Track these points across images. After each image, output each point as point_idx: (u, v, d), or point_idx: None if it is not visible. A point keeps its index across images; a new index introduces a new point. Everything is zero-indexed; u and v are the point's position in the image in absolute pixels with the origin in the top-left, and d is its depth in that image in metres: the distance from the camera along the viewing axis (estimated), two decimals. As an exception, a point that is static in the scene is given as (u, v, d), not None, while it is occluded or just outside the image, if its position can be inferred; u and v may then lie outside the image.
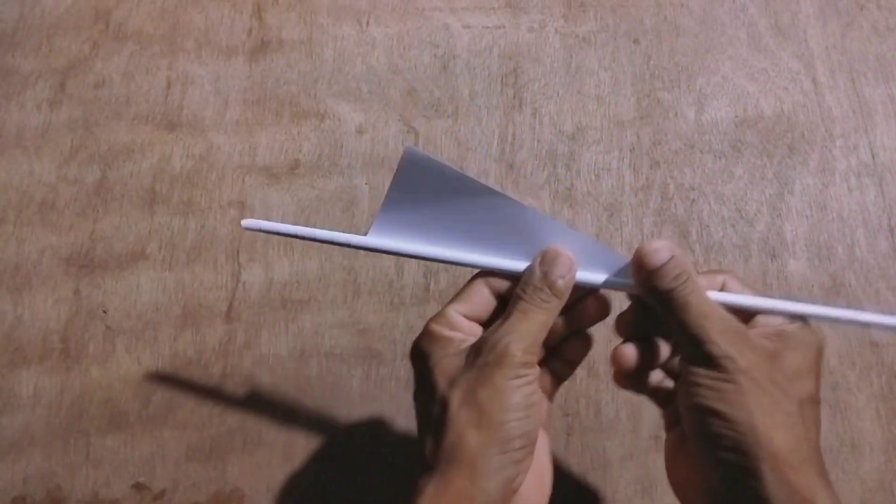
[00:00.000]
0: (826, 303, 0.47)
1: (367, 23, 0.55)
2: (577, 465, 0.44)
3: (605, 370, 0.45)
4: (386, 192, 0.30)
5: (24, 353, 0.46)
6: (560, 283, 0.30)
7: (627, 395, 0.45)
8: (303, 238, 0.31)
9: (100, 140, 0.52)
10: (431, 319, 0.31)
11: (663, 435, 0.44)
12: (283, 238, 0.49)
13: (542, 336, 0.30)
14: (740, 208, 0.49)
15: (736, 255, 0.48)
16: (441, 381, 0.30)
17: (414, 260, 0.47)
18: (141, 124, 0.52)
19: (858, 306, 0.46)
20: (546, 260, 0.31)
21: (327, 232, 0.31)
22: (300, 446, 0.44)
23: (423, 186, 0.30)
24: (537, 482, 0.31)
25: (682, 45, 0.54)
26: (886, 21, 0.54)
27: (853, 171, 0.50)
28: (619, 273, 0.31)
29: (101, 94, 0.53)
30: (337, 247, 0.50)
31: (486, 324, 0.32)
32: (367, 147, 0.51)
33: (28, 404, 0.45)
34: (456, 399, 0.29)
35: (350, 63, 0.54)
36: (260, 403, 0.45)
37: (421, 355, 0.31)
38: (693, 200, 0.49)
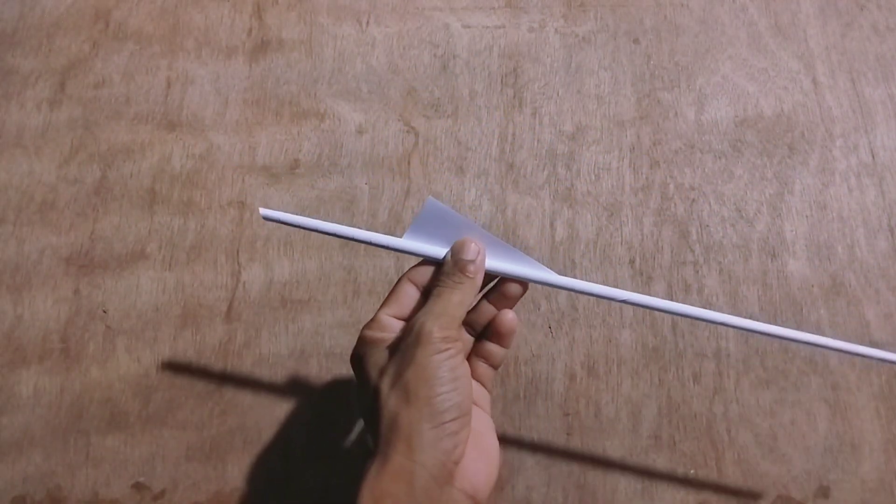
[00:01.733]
0: (827, 302, 0.47)
1: (367, 22, 0.55)
2: (577, 465, 0.44)
3: (605, 370, 0.45)
4: (410, 225, 0.34)
5: (24, 353, 0.46)
6: (471, 267, 0.33)
7: (627, 395, 0.45)
8: (324, 233, 0.34)
9: (100, 140, 0.52)
10: (364, 326, 0.33)
11: (663, 435, 0.44)
12: (282, 238, 0.49)
13: (460, 312, 0.32)
14: (740, 208, 0.49)
15: (736, 255, 0.48)
16: (372, 374, 0.32)
17: (415, 260, 0.47)
18: (141, 124, 0.52)
19: (859, 307, 0.46)
20: (455, 248, 0.33)
21: (349, 229, 0.34)
22: (300, 446, 0.44)
23: (438, 225, 0.34)
24: (483, 458, 0.32)
25: (682, 44, 0.54)
26: (886, 21, 0.54)
27: (853, 171, 0.50)
28: (531, 267, 0.34)
29: (101, 94, 0.53)
30: (342, 244, 0.50)
31: None
32: (367, 147, 0.51)
33: (28, 404, 0.45)
34: (385, 385, 0.30)
35: (350, 63, 0.54)
36: (260, 403, 0.45)
37: (357, 359, 0.33)
38: (693, 200, 0.49)
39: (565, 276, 0.34)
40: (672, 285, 0.47)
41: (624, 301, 0.34)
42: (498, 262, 0.34)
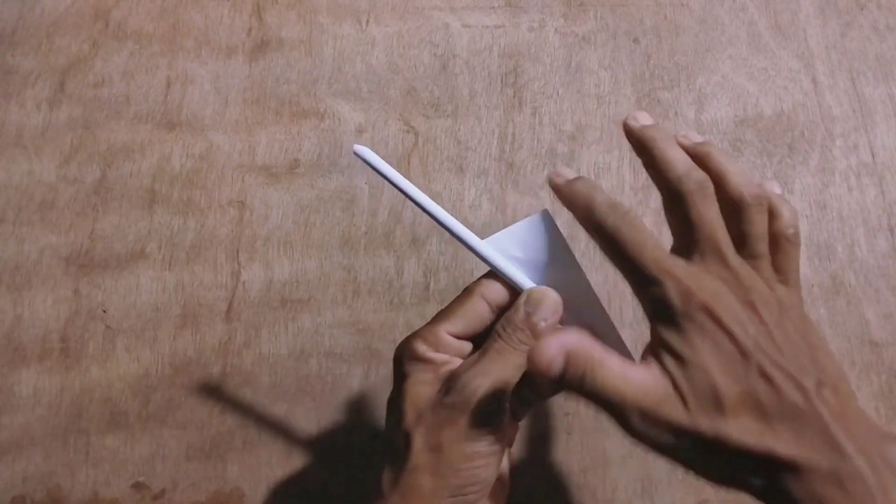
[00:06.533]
0: (827, 302, 0.47)
1: (367, 22, 0.55)
2: (577, 465, 0.44)
3: (605, 370, 0.45)
4: (504, 229, 0.30)
5: (23, 353, 0.46)
6: (542, 325, 0.29)
7: (627, 395, 0.45)
8: (407, 196, 0.30)
9: (99, 139, 0.52)
10: (419, 336, 0.30)
11: (663, 434, 0.44)
12: (282, 238, 0.49)
13: (515, 379, 0.29)
14: (740, 208, 0.49)
15: (736, 254, 0.48)
16: (409, 412, 0.29)
17: (415, 259, 0.48)
18: (141, 124, 0.52)
19: (859, 306, 0.46)
20: (531, 300, 0.29)
21: (435, 205, 0.30)
22: (300, 446, 0.44)
23: (533, 243, 0.30)
24: (495, 499, 0.31)
25: (681, 44, 0.54)
26: (886, 21, 0.54)
27: (853, 171, 0.50)
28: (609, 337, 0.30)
29: (101, 94, 0.53)
30: (341, 243, 0.50)
31: (479, 339, 0.30)
32: (366, 146, 0.51)
33: (28, 404, 0.45)
34: (419, 438, 0.28)
35: (350, 62, 0.54)
36: (260, 403, 0.45)
37: (401, 370, 0.30)
38: (693, 200, 0.49)
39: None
40: (672, 285, 0.47)
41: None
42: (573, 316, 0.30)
